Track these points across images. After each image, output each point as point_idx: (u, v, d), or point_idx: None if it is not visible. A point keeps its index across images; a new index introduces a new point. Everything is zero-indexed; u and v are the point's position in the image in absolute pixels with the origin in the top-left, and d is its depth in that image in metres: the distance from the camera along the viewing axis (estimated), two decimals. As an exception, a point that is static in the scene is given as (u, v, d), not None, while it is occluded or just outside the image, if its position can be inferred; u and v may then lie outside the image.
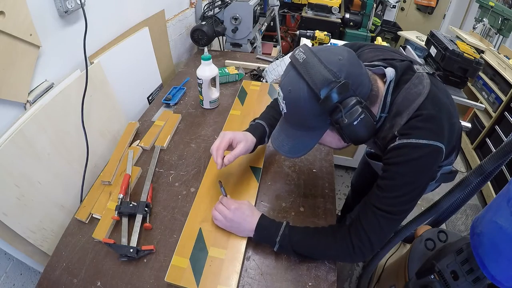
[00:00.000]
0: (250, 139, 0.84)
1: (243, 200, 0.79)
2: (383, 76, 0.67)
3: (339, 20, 3.07)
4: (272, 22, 2.63)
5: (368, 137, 0.61)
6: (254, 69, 1.50)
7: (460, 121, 1.47)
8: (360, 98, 0.57)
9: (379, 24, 3.41)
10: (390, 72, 0.64)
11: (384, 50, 0.76)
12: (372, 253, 0.68)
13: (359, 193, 1.43)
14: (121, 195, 0.80)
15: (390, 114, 0.64)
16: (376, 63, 0.69)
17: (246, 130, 0.87)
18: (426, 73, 0.67)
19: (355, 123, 0.57)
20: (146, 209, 0.79)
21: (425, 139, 0.58)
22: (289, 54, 1.27)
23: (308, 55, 0.58)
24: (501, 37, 2.59)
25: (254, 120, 0.92)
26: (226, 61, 1.56)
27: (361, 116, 0.56)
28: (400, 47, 2.36)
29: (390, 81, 0.63)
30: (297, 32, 1.75)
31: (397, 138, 0.62)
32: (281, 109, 0.65)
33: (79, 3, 0.82)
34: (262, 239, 0.74)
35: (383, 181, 0.63)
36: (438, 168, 0.79)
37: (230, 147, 0.82)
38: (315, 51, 0.58)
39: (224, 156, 0.79)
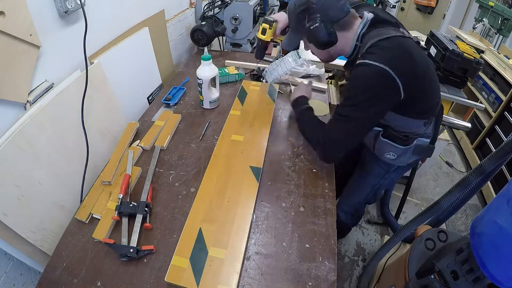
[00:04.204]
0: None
1: (302, 84, 1.22)
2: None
3: (339, 20, 3.07)
4: (272, 22, 2.62)
5: (323, 42, 0.82)
6: (254, 69, 1.50)
7: (460, 121, 1.47)
8: (324, 16, 0.80)
9: (379, 24, 3.40)
10: (368, 15, 0.86)
11: (397, 24, 0.93)
12: (328, 151, 0.91)
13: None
14: (121, 195, 0.80)
15: (363, 44, 0.85)
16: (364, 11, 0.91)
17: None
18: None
19: (312, 27, 0.81)
20: (146, 209, 0.79)
21: (375, 61, 0.76)
22: (289, 54, 1.28)
23: None
24: (501, 37, 2.59)
25: None
26: (226, 61, 1.56)
27: (316, 24, 0.80)
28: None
29: (367, 21, 0.86)
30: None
31: (358, 60, 0.81)
32: None
33: (79, 3, 0.82)
34: (293, 106, 1.09)
35: (344, 92, 0.75)
36: (411, 133, 0.95)
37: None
38: None
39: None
